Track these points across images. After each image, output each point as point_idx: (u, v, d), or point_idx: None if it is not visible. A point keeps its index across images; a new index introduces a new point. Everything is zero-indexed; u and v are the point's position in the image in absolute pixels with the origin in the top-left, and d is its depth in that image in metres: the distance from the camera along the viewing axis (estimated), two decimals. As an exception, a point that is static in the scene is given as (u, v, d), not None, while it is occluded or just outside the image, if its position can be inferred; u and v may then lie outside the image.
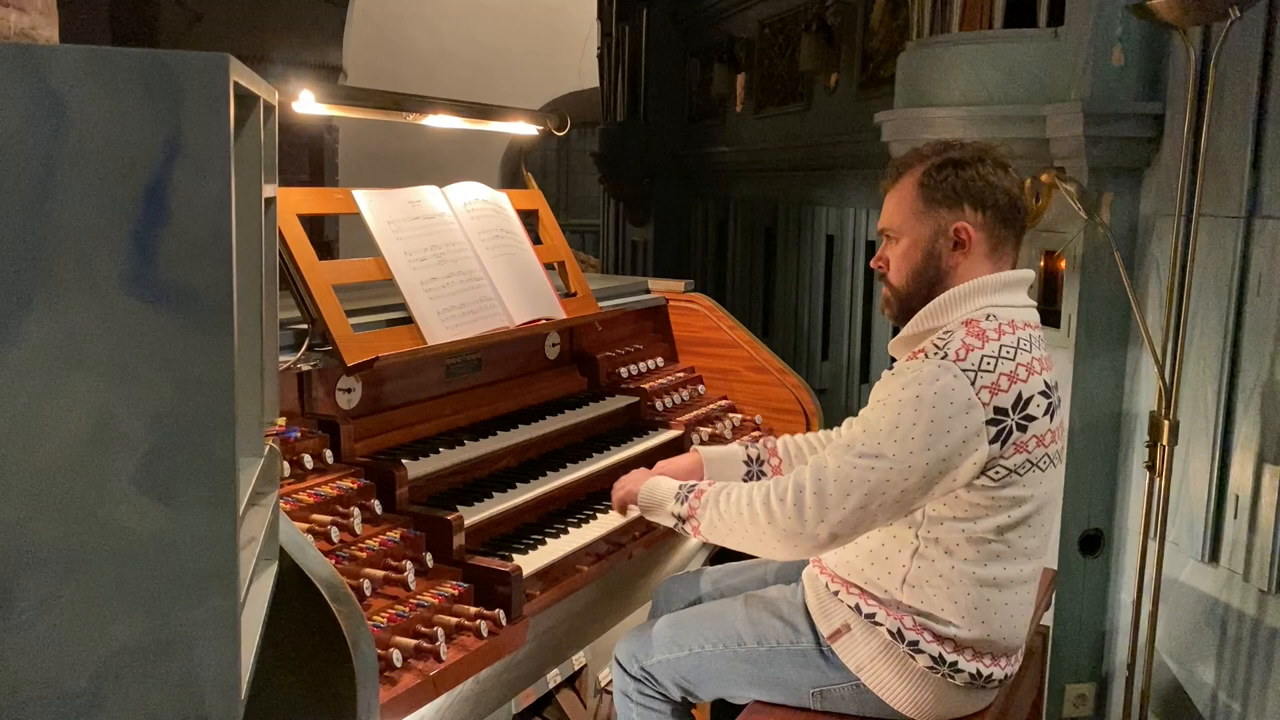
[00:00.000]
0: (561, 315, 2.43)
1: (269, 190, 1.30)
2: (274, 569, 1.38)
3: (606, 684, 2.53)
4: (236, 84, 0.99)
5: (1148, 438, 2.54)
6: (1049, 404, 1.73)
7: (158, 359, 0.97)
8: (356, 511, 1.74)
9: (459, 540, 1.84)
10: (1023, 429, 1.69)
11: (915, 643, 1.75)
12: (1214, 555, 2.54)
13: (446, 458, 2.06)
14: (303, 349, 1.90)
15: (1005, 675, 1.83)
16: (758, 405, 2.83)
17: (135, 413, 0.97)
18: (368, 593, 1.65)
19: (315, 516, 1.71)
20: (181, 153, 0.95)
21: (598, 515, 2.17)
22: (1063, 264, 2.85)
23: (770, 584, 2.11)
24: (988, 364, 1.67)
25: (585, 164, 10.83)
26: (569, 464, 2.26)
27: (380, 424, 2.09)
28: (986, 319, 1.73)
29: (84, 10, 7.37)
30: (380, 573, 1.70)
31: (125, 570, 0.98)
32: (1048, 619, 2.65)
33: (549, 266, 2.54)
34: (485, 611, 1.73)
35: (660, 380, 2.73)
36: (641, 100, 7.53)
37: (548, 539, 2.03)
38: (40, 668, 0.98)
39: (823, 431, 2.26)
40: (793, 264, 5.48)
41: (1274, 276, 2.35)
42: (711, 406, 2.77)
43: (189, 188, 0.95)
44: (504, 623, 1.75)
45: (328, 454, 1.86)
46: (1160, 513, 2.53)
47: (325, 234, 8.43)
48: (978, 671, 1.77)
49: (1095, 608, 2.96)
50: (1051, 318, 2.91)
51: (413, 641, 1.62)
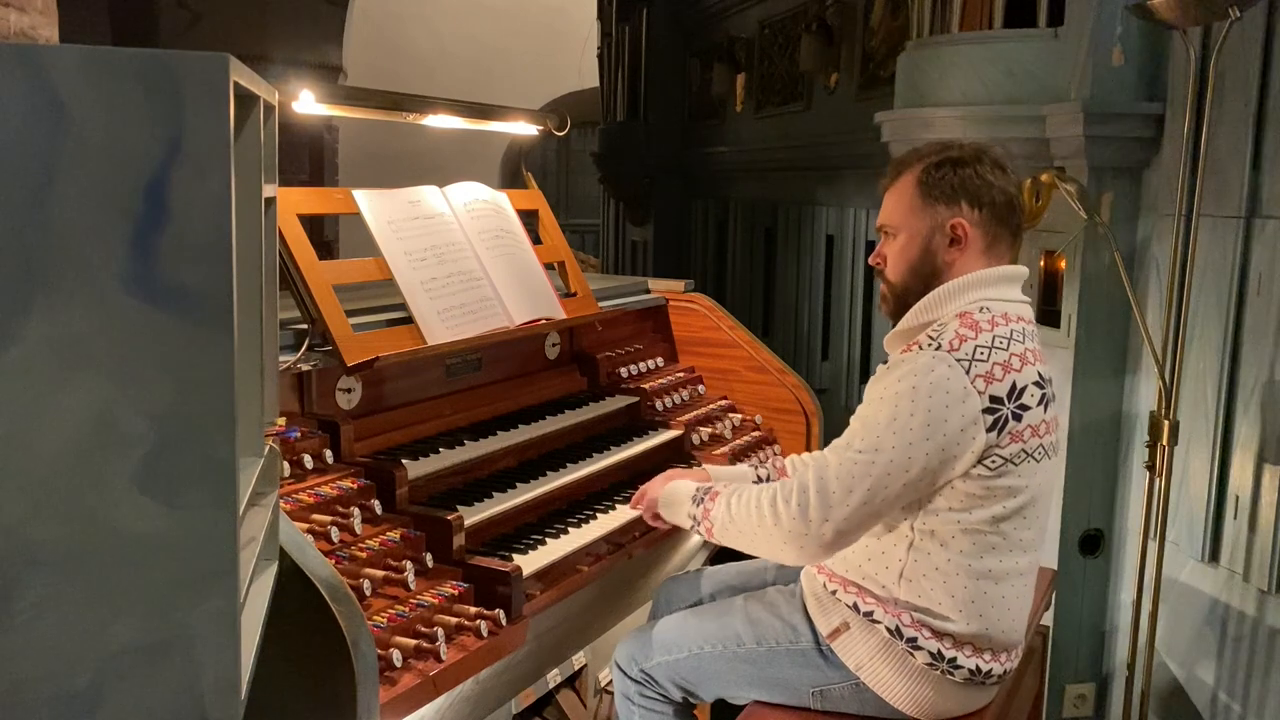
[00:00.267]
0: (561, 315, 2.43)
1: (269, 190, 1.30)
2: (274, 569, 1.38)
3: (606, 684, 2.53)
4: (236, 84, 0.99)
5: (1148, 438, 2.54)
6: (1043, 394, 1.75)
7: (158, 359, 0.97)
8: (356, 511, 1.74)
9: (459, 540, 1.84)
10: (1018, 418, 1.70)
11: (914, 639, 1.75)
12: (1214, 555, 2.54)
13: (446, 458, 2.06)
14: (303, 349, 1.90)
15: (1004, 671, 1.83)
16: (758, 405, 2.83)
17: (135, 413, 0.97)
18: (368, 593, 1.65)
19: (315, 516, 1.71)
20: (181, 153, 0.95)
21: (598, 515, 2.17)
22: (1063, 264, 2.85)
23: (770, 584, 2.11)
24: (981, 353, 1.69)
25: (585, 164, 10.83)
26: (569, 464, 2.26)
27: (380, 424, 2.09)
28: (980, 311, 1.75)
29: (84, 10, 7.36)
30: (380, 573, 1.70)
31: (125, 570, 0.98)
32: (1048, 619, 2.65)
33: (549, 266, 2.54)
34: (485, 611, 1.73)
35: (660, 380, 2.73)
36: (641, 100, 7.53)
37: (548, 539, 2.03)
38: (40, 668, 0.98)
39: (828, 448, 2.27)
40: (793, 264, 5.48)
41: (1274, 276, 2.35)
42: (711, 406, 2.77)
43: (189, 188, 0.95)
44: (504, 623, 1.75)
45: (328, 454, 1.86)
46: (1160, 513, 2.53)
47: (325, 234, 8.43)
48: (976, 668, 1.77)
49: (1095, 608, 2.96)
50: (1051, 318, 2.91)
51: (413, 641, 1.62)
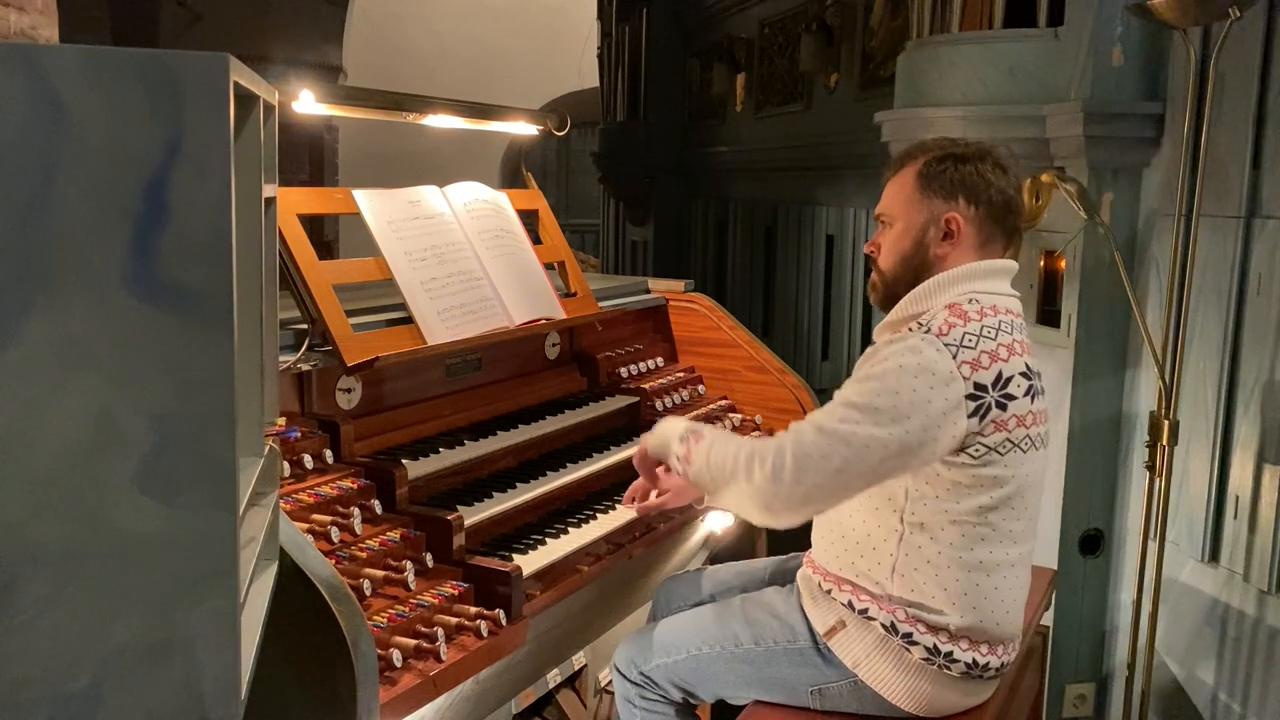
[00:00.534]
0: (561, 315, 2.43)
1: (269, 190, 1.30)
2: (274, 569, 1.38)
3: (606, 684, 2.53)
4: (236, 84, 0.99)
5: (1148, 438, 2.54)
6: (1030, 386, 1.75)
7: (158, 359, 0.97)
8: (356, 511, 1.74)
9: (459, 540, 1.84)
10: (1002, 407, 1.70)
11: (909, 635, 1.76)
12: (1214, 555, 2.54)
13: (446, 458, 2.06)
14: (303, 349, 1.90)
15: (1002, 664, 1.83)
16: (758, 405, 2.83)
17: (135, 413, 0.97)
18: (368, 593, 1.65)
19: (315, 516, 1.71)
20: (181, 152, 0.95)
21: (598, 515, 2.17)
22: (1063, 264, 2.85)
23: (769, 582, 2.12)
24: (969, 340, 1.70)
25: (585, 164, 10.82)
26: (569, 464, 2.26)
27: (380, 424, 2.09)
28: (969, 303, 1.76)
29: (84, 10, 7.36)
30: (380, 573, 1.70)
31: (125, 570, 0.98)
32: (1048, 619, 2.65)
33: (549, 266, 2.54)
34: (485, 611, 1.73)
35: (660, 380, 2.73)
36: (641, 100, 7.53)
37: (548, 539, 2.03)
38: (40, 668, 0.98)
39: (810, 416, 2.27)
40: (793, 264, 5.48)
41: (1274, 276, 2.35)
42: (711, 406, 2.77)
43: (189, 187, 0.95)
44: (504, 623, 1.75)
45: (328, 454, 1.86)
46: (1160, 513, 2.53)
47: (325, 234, 8.43)
48: (973, 661, 1.77)
49: (1095, 608, 2.96)
50: (1051, 318, 2.91)
51: (413, 641, 1.62)
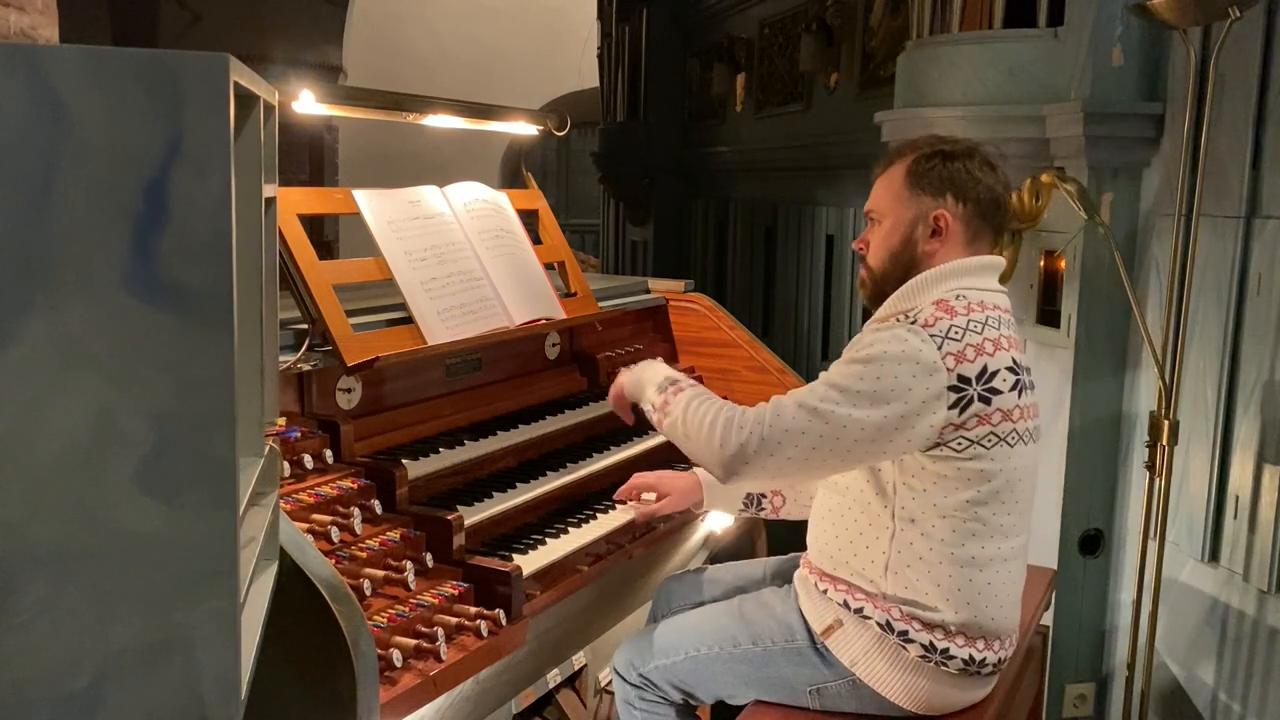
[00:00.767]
0: (561, 315, 2.43)
1: (269, 190, 1.30)
2: (274, 569, 1.37)
3: (606, 684, 2.53)
4: (236, 84, 0.99)
5: (1148, 438, 2.54)
6: (1017, 380, 1.75)
7: (158, 359, 0.97)
8: (356, 511, 1.74)
9: (459, 540, 1.84)
10: (986, 401, 1.71)
11: (905, 633, 1.76)
12: (1214, 555, 2.54)
13: (446, 458, 2.06)
14: (303, 349, 1.90)
15: (999, 660, 1.83)
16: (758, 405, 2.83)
17: (135, 413, 0.97)
18: (368, 593, 1.65)
19: (315, 516, 1.71)
20: (181, 153, 0.95)
21: (598, 515, 2.17)
22: (1063, 264, 2.85)
23: (768, 582, 2.12)
24: (955, 333, 1.71)
25: (585, 164, 10.83)
26: (569, 464, 2.26)
27: (380, 424, 2.09)
28: (956, 299, 1.77)
29: (84, 10, 7.37)
30: (380, 573, 1.70)
31: (125, 570, 0.98)
32: (1048, 619, 2.65)
33: (549, 266, 2.54)
34: (485, 611, 1.73)
35: (660, 380, 2.72)
36: (641, 100, 7.53)
37: (548, 539, 2.03)
38: (40, 668, 0.98)
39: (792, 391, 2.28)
40: (793, 264, 5.48)
41: (1274, 276, 2.35)
42: (711, 406, 2.76)
43: (189, 187, 0.95)
44: (504, 623, 1.75)
45: (328, 454, 1.85)
46: (1160, 513, 2.53)
47: (325, 234, 8.43)
48: (970, 657, 1.77)
49: (1095, 608, 2.96)
50: (1051, 318, 2.91)
51: (413, 641, 1.62)
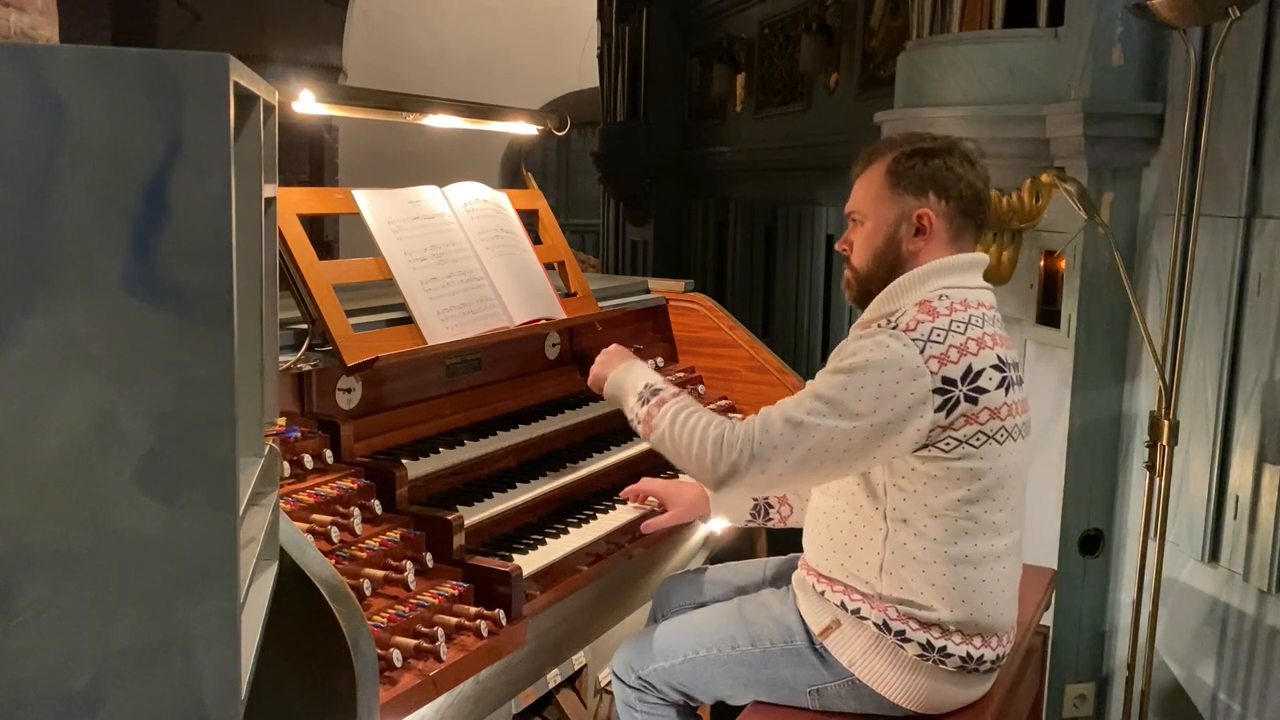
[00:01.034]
0: (561, 315, 2.43)
1: (269, 190, 1.30)
2: (274, 569, 1.37)
3: (606, 684, 2.53)
4: (236, 84, 0.99)
5: (1148, 438, 2.54)
6: (1003, 378, 1.74)
7: (158, 359, 0.97)
8: (356, 511, 1.74)
9: (459, 540, 1.84)
10: (972, 400, 1.70)
11: (902, 632, 1.76)
12: (1214, 555, 2.54)
13: (446, 458, 2.06)
14: (303, 349, 1.90)
15: (997, 657, 1.83)
16: (758, 405, 2.78)
17: (135, 413, 0.97)
18: (368, 593, 1.65)
19: (315, 516, 1.71)
20: (181, 153, 0.95)
21: (598, 515, 2.17)
22: (1063, 264, 2.85)
23: (768, 582, 2.12)
24: (938, 335, 1.71)
25: (585, 164, 10.83)
26: (569, 464, 2.26)
27: (380, 424, 2.09)
28: (939, 299, 1.77)
29: (84, 10, 7.36)
30: (380, 573, 1.70)
31: (125, 570, 0.98)
32: (1048, 619, 2.65)
33: (549, 266, 2.54)
34: (485, 611, 1.73)
35: (660, 380, 2.72)
36: (641, 100, 7.53)
37: (548, 539, 2.03)
38: (40, 668, 0.98)
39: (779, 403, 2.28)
40: (793, 264, 5.48)
41: (1274, 276, 2.35)
42: (711, 406, 2.75)
43: (189, 188, 0.95)
44: (504, 623, 1.75)
45: (328, 454, 1.85)
46: (1160, 513, 2.53)
47: (325, 234, 8.43)
48: (968, 654, 1.77)
49: (1095, 608, 2.96)
50: (1051, 318, 2.91)
51: (413, 641, 1.62)
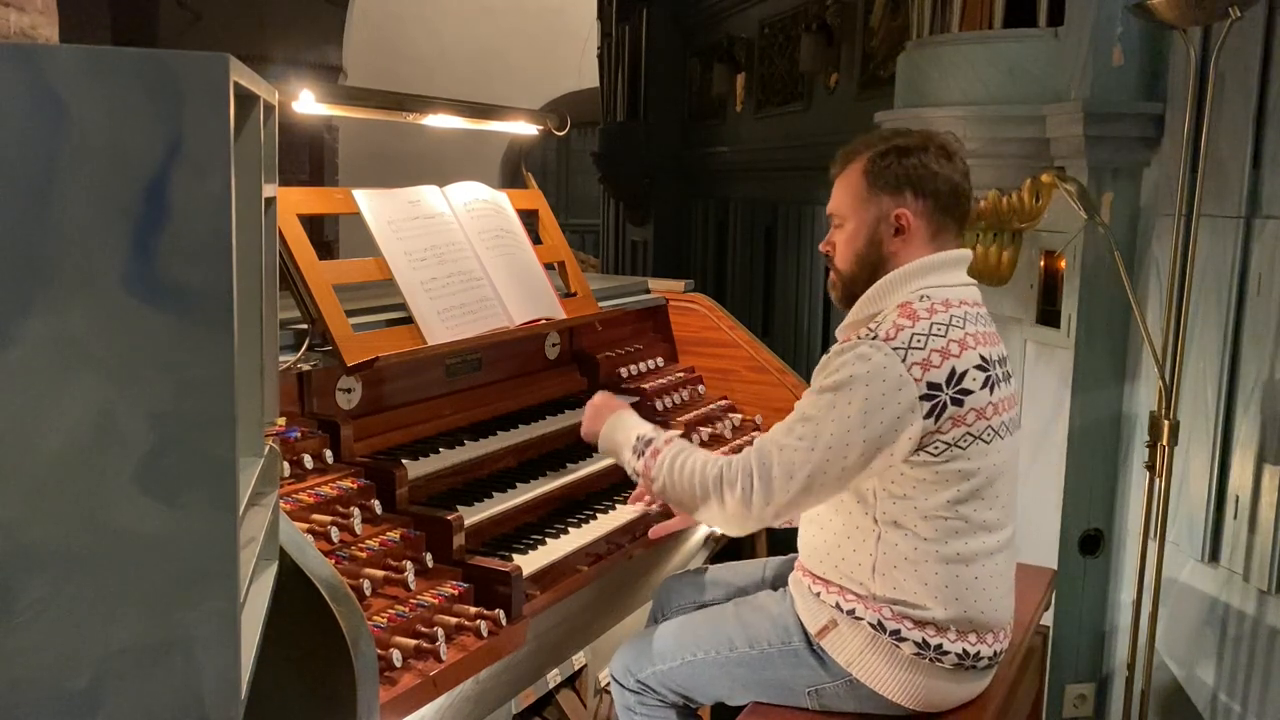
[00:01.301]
0: (561, 315, 2.43)
1: (269, 190, 1.30)
2: (274, 569, 1.37)
3: (606, 684, 2.52)
4: (236, 84, 0.99)
5: (1148, 438, 2.54)
6: (987, 377, 1.74)
7: (158, 359, 0.97)
8: (356, 511, 1.74)
9: (459, 540, 1.84)
10: (958, 403, 1.70)
11: (897, 631, 1.76)
12: (1214, 555, 2.54)
13: (446, 458, 2.06)
14: (303, 349, 1.90)
15: (994, 653, 1.83)
16: (758, 405, 2.83)
17: (135, 413, 0.97)
18: (368, 593, 1.65)
19: (315, 516, 1.71)
20: (181, 152, 0.95)
21: (598, 515, 2.17)
22: (1063, 264, 2.85)
23: (768, 582, 2.12)
24: (918, 341, 1.70)
25: (585, 164, 10.83)
26: (569, 464, 2.26)
27: (380, 424, 2.09)
28: (920, 300, 1.76)
29: (84, 10, 7.36)
30: (380, 573, 1.70)
31: (125, 570, 0.98)
32: (1048, 619, 2.65)
33: (549, 266, 2.54)
34: (485, 611, 1.73)
35: (660, 380, 2.73)
36: (641, 100, 7.53)
37: (548, 539, 2.03)
38: (40, 668, 0.98)
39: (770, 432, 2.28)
40: (793, 264, 5.48)
41: (1274, 276, 2.35)
42: (711, 406, 2.77)
43: (189, 187, 0.95)
44: (504, 623, 1.75)
45: (328, 454, 1.86)
46: (1160, 513, 2.53)
47: (325, 234, 8.43)
48: (964, 651, 1.77)
49: (1095, 608, 2.96)
50: (1051, 318, 2.91)
51: (413, 641, 1.62)
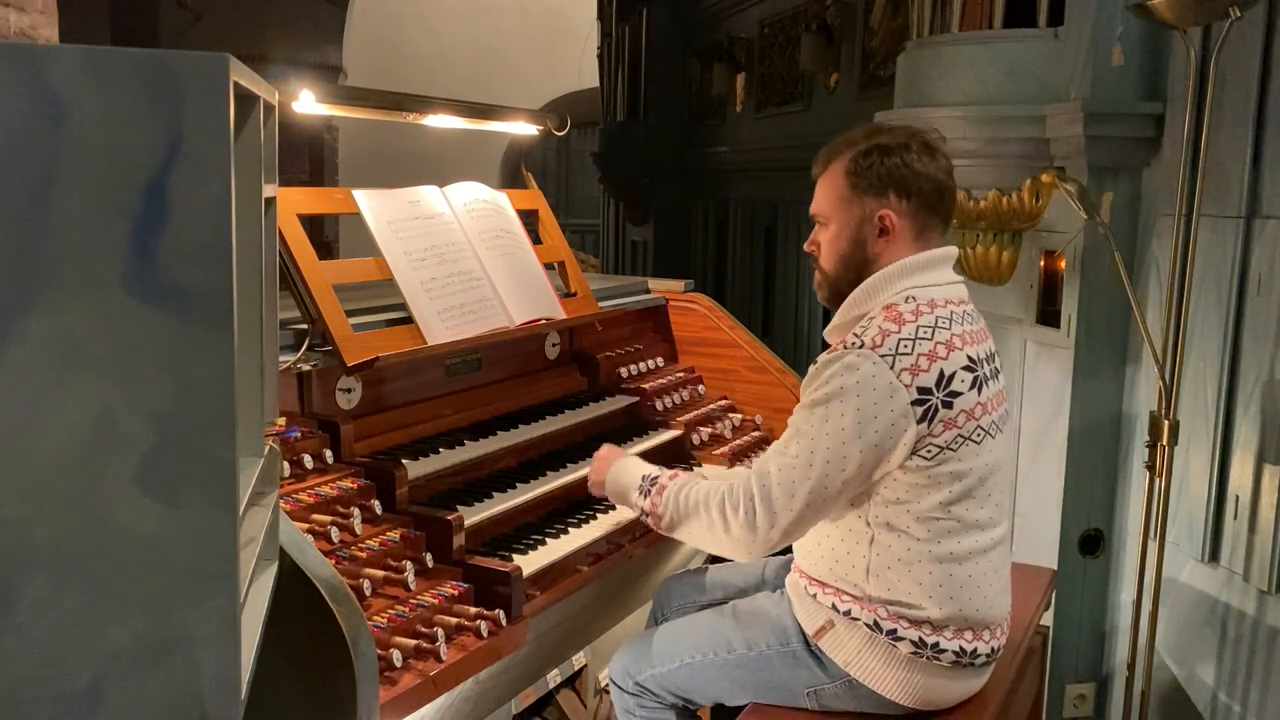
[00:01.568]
0: (561, 315, 2.43)
1: (269, 190, 1.30)
2: (274, 569, 1.37)
3: (606, 685, 2.52)
4: (236, 84, 0.99)
5: (1148, 438, 2.54)
6: (975, 377, 1.74)
7: (158, 359, 0.97)
8: (356, 511, 1.74)
9: (459, 540, 1.84)
10: (949, 405, 1.70)
11: (894, 631, 1.76)
12: (1214, 555, 2.54)
13: (446, 458, 2.06)
14: (303, 349, 1.90)
15: (992, 649, 1.83)
16: (758, 405, 2.83)
17: (135, 413, 0.97)
18: (368, 593, 1.65)
19: (315, 516, 1.71)
20: (181, 153, 0.95)
21: (598, 515, 2.17)
22: (1063, 264, 2.85)
23: (768, 582, 2.12)
24: (905, 346, 1.70)
25: (585, 164, 10.85)
26: (569, 464, 2.26)
27: (380, 424, 2.09)
28: (905, 301, 1.75)
29: (84, 10, 7.36)
30: (380, 573, 1.70)
31: (125, 571, 0.98)
32: (1048, 619, 2.65)
33: (549, 266, 2.54)
34: (485, 612, 1.73)
35: (660, 380, 2.73)
36: (641, 100, 7.54)
37: (548, 539, 2.03)
38: (40, 668, 0.98)
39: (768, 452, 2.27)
40: (793, 264, 5.48)
41: (1274, 276, 2.35)
42: (711, 406, 2.77)
43: (189, 188, 0.95)
44: (504, 623, 1.75)
45: (328, 454, 1.85)
46: (1160, 513, 2.53)
47: (325, 234, 8.43)
48: (961, 649, 1.77)
49: (1095, 608, 2.96)
50: (1051, 318, 2.91)
51: (413, 641, 1.62)
